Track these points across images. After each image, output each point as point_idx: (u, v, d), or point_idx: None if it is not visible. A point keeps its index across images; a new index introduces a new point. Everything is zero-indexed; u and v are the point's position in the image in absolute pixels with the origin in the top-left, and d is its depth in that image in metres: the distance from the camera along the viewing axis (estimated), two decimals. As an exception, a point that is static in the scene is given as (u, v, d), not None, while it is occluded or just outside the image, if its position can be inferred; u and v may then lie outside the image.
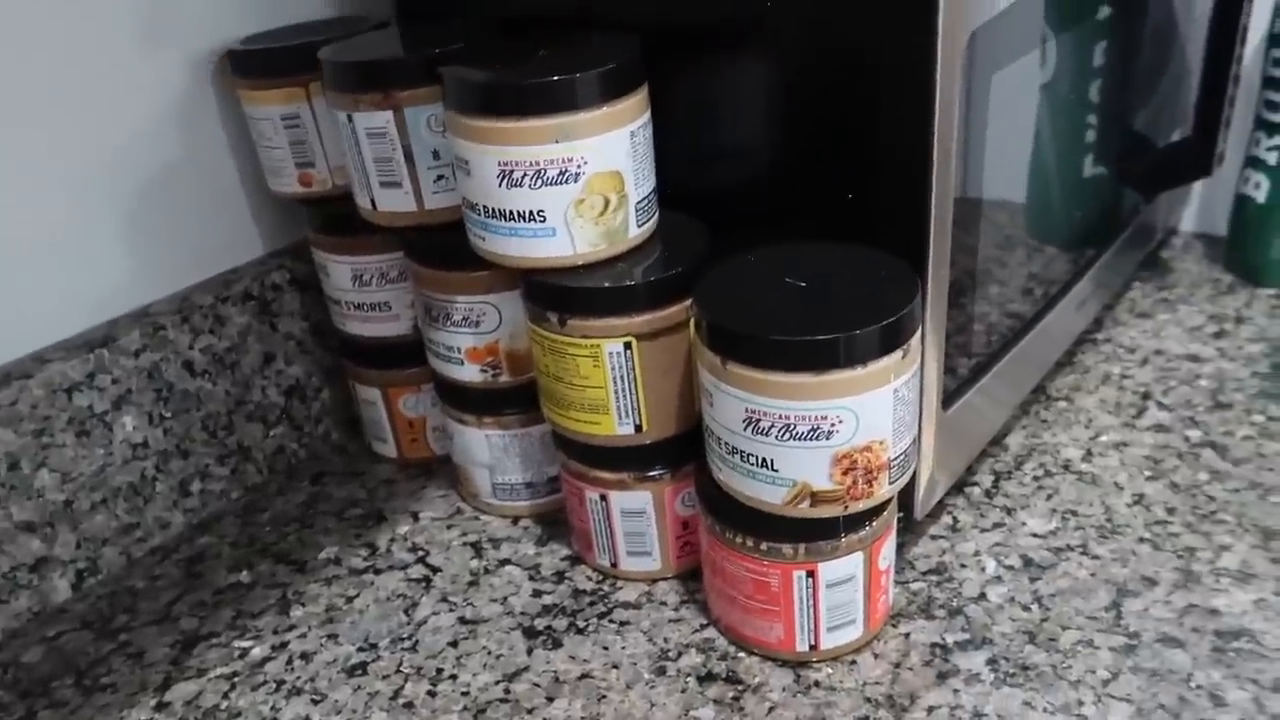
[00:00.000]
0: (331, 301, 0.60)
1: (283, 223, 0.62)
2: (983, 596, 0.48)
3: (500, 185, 0.43)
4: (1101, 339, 0.68)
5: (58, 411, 0.52)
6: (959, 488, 0.56)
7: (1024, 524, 0.53)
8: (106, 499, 0.55)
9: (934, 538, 0.52)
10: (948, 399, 0.50)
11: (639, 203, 0.45)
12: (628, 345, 0.45)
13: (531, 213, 0.44)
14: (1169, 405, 0.61)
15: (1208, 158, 0.64)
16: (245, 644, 0.50)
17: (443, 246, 0.51)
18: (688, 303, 0.44)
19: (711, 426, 0.43)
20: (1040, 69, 0.51)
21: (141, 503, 0.57)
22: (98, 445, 0.54)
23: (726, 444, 0.42)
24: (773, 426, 0.40)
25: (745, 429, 0.40)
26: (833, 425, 0.39)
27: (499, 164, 0.43)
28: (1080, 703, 0.42)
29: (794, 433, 0.40)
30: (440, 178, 0.49)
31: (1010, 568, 0.50)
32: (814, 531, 0.43)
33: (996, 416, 0.57)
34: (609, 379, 0.46)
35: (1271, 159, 0.68)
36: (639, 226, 0.46)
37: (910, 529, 0.53)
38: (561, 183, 0.43)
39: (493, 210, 0.44)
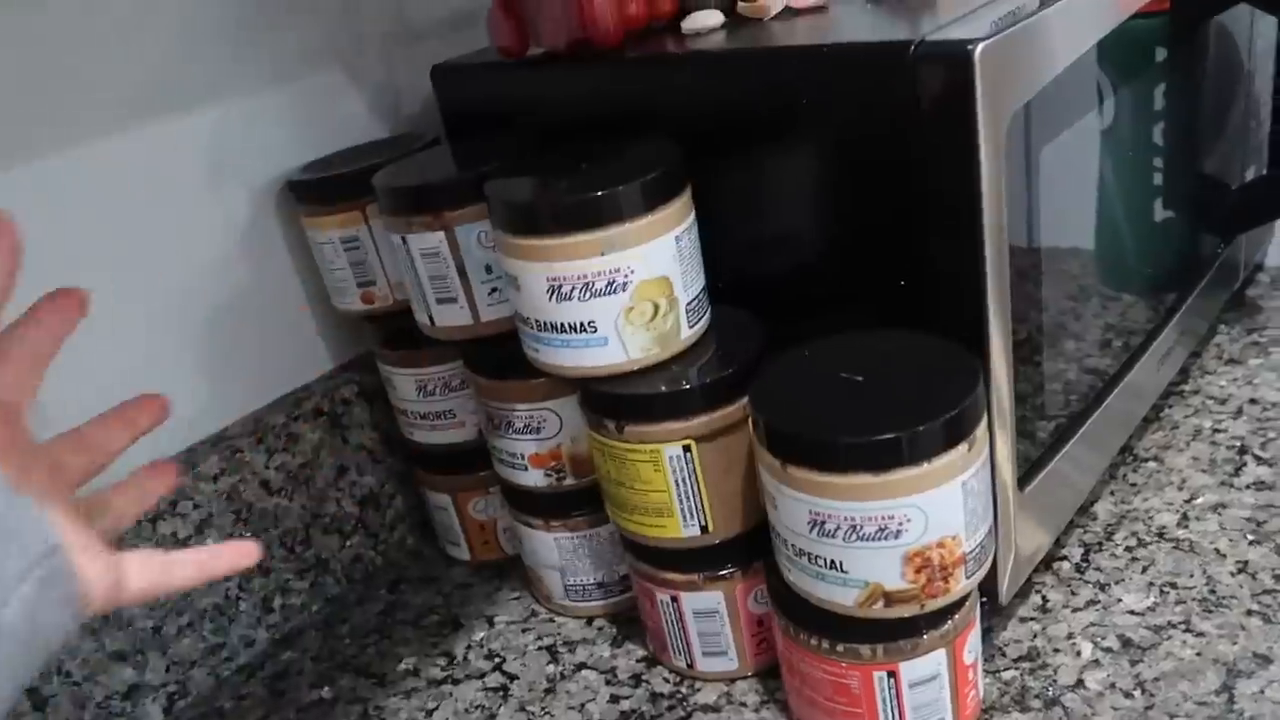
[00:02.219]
0: (399, 412, 0.61)
1: (349, 337, 0.64)
2: (1080, 684, 0.46)
3: (550, 299, 0.44)
4: (1189, 390, 0.65)
5: (143, 541, 0.54)
6: (1046, 563, 0.53)
7: (1119, 600, 0.50)
8: (193, 621, 0.56)
9: (1023, 620, 0.50)
10: (1025, 476, 0.48)
11: (689, 304, 0.45)
12: (687, 448, 0.44)
13: (582, 324, 0.44)
14: (1269, 459, 0.57)
15: (1285, 195, 0.61)
16: (330, 764, 0.51)
17: (500, 357, 0.51)
18: (744, 400, 0.44)
19: (777, 528, 0.42)
20: (1098, 117, 0.49)
21: (226, 623, 0.58)
22: (183, 569, 0.55)
23: (793, 546, 0.41)
24: (838, 528, 0.39)
25: (810, 531, 0.40)
26: (900, 524, 0.38)
27: (547, 279, 0.43)
28: (1196, 803, 0.40)
29: (861, 533, 0.38)
30: (494, 290, 0.50)
31: (1108, 650, 0.47)
32: (892, 630, 0.41)
33: (1082, 484, 0.55)
34: (671, 482, 0.45)
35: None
36: (690, 327, 0.46)
37: (997, 611, 0.50)
38: (610, 293, 0.43)
39: (544, 323, 0.45)
